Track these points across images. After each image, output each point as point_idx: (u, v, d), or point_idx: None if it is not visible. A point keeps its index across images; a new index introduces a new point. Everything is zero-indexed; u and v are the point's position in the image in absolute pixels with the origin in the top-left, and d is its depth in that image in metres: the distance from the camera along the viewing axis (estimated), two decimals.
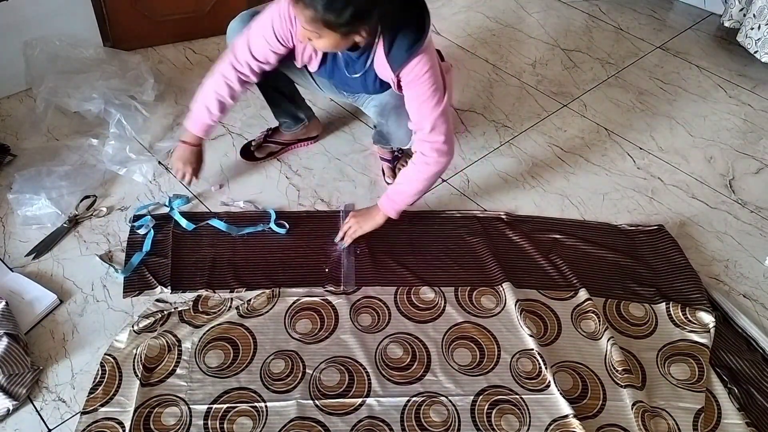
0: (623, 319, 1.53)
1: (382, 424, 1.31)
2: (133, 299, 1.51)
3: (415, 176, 1.53)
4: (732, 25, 2.49)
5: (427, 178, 1.52)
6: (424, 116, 1.44)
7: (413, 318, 1.50)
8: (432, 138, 1.45)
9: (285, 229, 1.68)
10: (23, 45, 1.96)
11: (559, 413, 1.34)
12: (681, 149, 2.07)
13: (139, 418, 1.28)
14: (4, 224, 1.68)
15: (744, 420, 1.34)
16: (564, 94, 2.28)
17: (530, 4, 2.78)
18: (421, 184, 1.53)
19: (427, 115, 1.43)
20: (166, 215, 1.71)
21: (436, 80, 1.42)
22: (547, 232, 1.73)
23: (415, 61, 1.38)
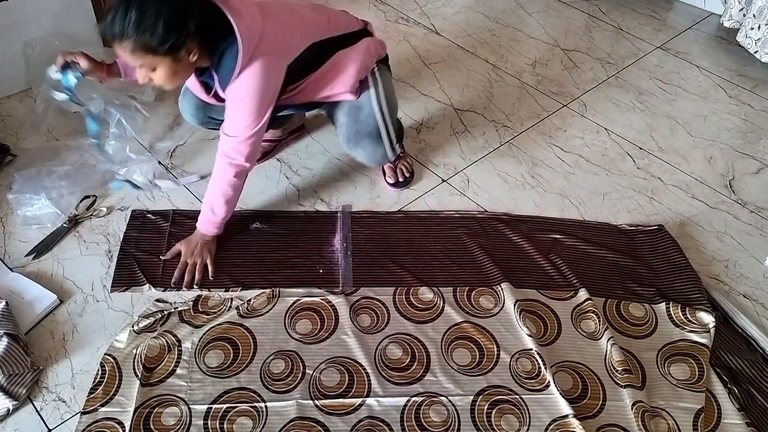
0: (623, 319, 1.53)
1: (382, 424, 1.31)
2: (133, 299, 1.51)
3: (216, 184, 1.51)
4: (732, 25, 2.49)
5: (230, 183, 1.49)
6: (239, 131, 1.42)
7: (412, 318, 1.50)
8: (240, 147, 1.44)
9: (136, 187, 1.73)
10: (23, 45, 1.96)
11: (559, 413, 1.34)
12: (681, 149, 2.07)
13: (139, 418, 1.28)
14: (4, 224, 1.68)
15: (744, 420, 1.34)
16: (564, 94, 2.28)
17: (530, 4, 2.78)
18: (222, 189, 1.50)
19: (242, 132, 1.42)
20: (164, 212, 1.71)
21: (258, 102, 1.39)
22: (547, 232, 1.73)
23: (241, 79, 1.36)
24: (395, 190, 1.83)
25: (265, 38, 1.36)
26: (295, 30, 1.45)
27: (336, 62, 1.54)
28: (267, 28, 1.38)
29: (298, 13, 1.48)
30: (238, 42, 1.31)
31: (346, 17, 1.61)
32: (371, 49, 1.61)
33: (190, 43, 1.29)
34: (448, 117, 2.14)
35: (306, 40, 1.46)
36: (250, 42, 1.34)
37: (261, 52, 1.35)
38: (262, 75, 1.36)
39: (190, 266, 1.54)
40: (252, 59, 1.35)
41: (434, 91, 2.25)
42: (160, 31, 1.23)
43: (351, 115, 1.61)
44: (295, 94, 1.55)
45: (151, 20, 1.22)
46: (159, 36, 1.24)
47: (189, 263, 1.54)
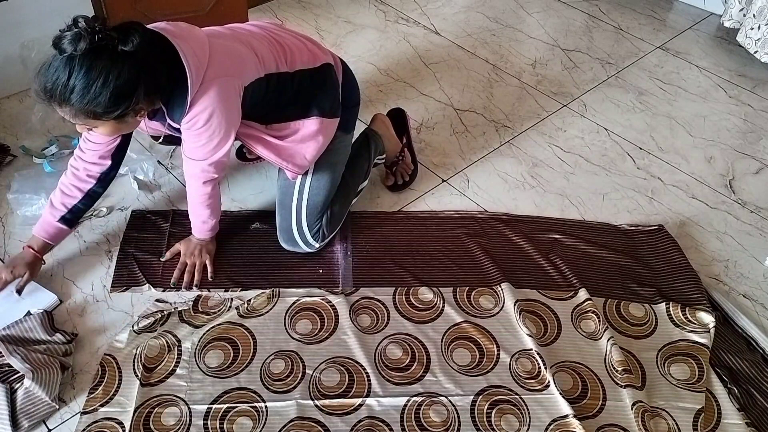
0: (623, 319, 1.53)
1: (382, 424, 1.31)
2: (133, 300, 1.51)
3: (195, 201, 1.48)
4: (732, 25, 2.49)
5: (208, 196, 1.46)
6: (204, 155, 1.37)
7: (412, 318, 1.50)
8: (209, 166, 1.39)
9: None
10: (20, 46, 1.95)
11: (558, 413, 1.34)
12: (681, 149, 2.07)
13: (139, 418, 1.28)
14: (4, 224, 1.68)
15: (744, 420, 1.34)
16: (564, 94, 2.28)
17: (530, 4, 2.78)
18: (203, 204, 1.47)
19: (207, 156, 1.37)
20: (164, 212, 1.71)
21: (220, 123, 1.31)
22: (547, 232, 1.72)
23: (194, 110, 1.28)
24: (394, 194, 1.83)
25: (214, 59, 1.28)
26: (247, 54, 1.35)
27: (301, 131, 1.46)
28: (215, 48, 1.29)
29: (247, 40, 1.38)
30: (186, 70, 1.23)
31: (308, 47, 1.48)
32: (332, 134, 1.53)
33: (138, 105, 1.21)
34: (448, 117, 2.14)
35: (261, 67, 1.37)
36: (199, 67, 1.25)
37: (211, 75, 1.27)
38: (217, 100, 1.28)
39: (189, 266, 1.54)
40: (203, 85, 1.26)
41: (434, 91, 2.25)
42: (105, 103, 1.15)
43: (279, 199, 1.59)
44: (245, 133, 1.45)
45: (95, 92, 1.13)
46: (103, 107, 1.16)
47: (188, 263, 1.54)
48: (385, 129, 1.81)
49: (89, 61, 1.13)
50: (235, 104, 1.33)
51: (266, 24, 1.50)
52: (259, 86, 1.37)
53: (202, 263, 1.54)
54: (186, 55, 1.23)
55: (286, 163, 1.48)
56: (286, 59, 1.43)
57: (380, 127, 1.80)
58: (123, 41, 1.14)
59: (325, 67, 1.50)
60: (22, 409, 1.27)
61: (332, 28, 2.55)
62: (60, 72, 1.13)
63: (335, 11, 2.65)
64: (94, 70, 1.13)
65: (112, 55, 1.14)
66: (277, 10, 2.64)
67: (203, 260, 1.55)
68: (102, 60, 1.13)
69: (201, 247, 1.55)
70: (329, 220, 1.59)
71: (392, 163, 1.83)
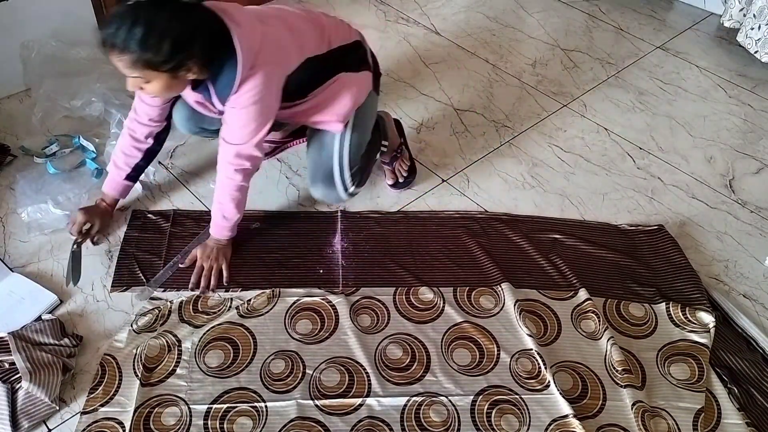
0: (623, 319, 1.53)
1: (382, 424, 1.31)
2: (133, 300, 1.51)
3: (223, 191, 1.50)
4: (732, 25, 2.49)
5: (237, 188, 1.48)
6: (242, 138, 1.40)
7: (412, 318, 1.50)
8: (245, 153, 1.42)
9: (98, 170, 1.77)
10: (20, 46, 1.96)
11: (558, 413, 1.34)
12: (681, 149, 2.07)
13: (139, 418, 1.28)
14: (5, 224, 1.68)
15: (744, 420, 1.34)
16: (564, 94, 2.28)
17: (530, 4, 2.78)
18: (230, 195, 1.49)
19: (245, 139, 1.40)
20: (165, 212, 1.71)
21: (262, 109, 1.37)
22: (547, 232, 1.73)
23: (241, 91, 1.33)
24: (395, 191, 1.83)
25: (264, 48, 1.33)
26: (292, 43, 1.41)
27: (334, 88, 1.51)
28: (266, 38, 1.34)
29: (294, 26, 1.43)
30: (237, 54, 1.28)
31: (341, 28, 1.56)
32: (366, 83, 1.58)
33: (192, 62, 1.26)
34: (448, 117, 2.14)
35: (303, 54, 1.43)
36: (250, 53, 1.30)
37: (261, 62, 1.32)
38: (263, 85, 1.34)
39: (206, 271, 1.54)
40: (252, 70, 1.32)
41: (434, 91, 2.25)
42: (165, 51, 1.20)
43: (315, 151, 1.60)
44: (291, 113, 1.52)
45: (157, 38, 1.18)
46: (163, 55, 1.20)
47: (204, 268, 1.54)
48: (388, 120, 1.83)
49: (153, 9, 1.18)
50: (277, 93, 1.39)
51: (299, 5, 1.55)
52: (298, 72, 1.42)
53: (218, 268, 1.55)
54: (240, 41, 1.28)
55: (328, 118, 1.52)
56: (324, 39, 1.48)
57: (384, 115, 1.83)
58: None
59: (356, 42, 1.58)
60: (22, 409, 1.27)
61: None
62: (125, 18, 1.17)
63: (335, 11, 2.65)
64: (158, 18, 1.18)
65: (174, 5, 1.20)
66: None
67: (219, 264, 1.55)
68: (165, 9, 1.18)
69: (218, 251, 1.55)
70: (362, 172, 1.64)
71: (392, 158, 1.83)
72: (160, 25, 1.18)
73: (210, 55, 1.28)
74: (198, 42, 1.23)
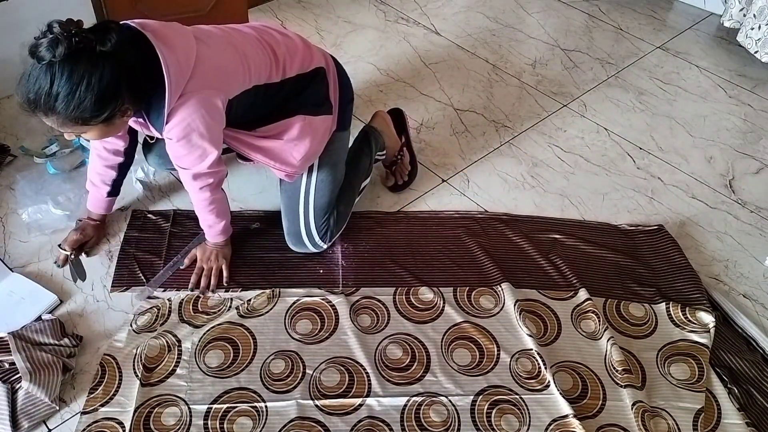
0: (623, 319, 1.53)
1: (382, 424, 1.31)
2: (133, 300, 1.51)
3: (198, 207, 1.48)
4: (732, 25, 2.49)
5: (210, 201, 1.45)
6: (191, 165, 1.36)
7: (412, 318, 1.50)
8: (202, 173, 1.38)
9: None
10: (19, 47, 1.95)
11: (558, 413, 1.34)
12: (681, 149, 2.07)
13: (139, 418, 1.28)
14: (5, 224, 1.68)
15: (744, 420, 1.34)
16: (564, 94, 2.28)
17: (530, 4, 2.78)
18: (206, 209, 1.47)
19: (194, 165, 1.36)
20: (165, 212, 1.71)
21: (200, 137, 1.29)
22: (547, 232, 1.73)
23: (172, 123, 1.25)
24: (394, 194, 1.83)
25: (198, 72, 1.24)
26: (237, 67, 1.32)
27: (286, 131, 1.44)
28: (202, 60, 1.25)
29: (242, 49, 1.34)
30: (165, 82, 1.19)
31: (300, 54, 1.45)
32: (324, 129, 1.50)
33: (125, 106, 1.20)
34: (448, 117, 2.14)
35: (249, 79, 1.34)
36: (179, 80, 1.21)
37: (192, 88, 1.23)
38: (195, 113, 1.25)
39: (206, 271, 1.54)
40: (182, 98, 1.23)
41: (434, 91, 2.25)
42: (91, 108, 1.13)
43: (284, 197, 1.58)
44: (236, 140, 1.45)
45: (80, 98, 1.10)
46: (89, 112, 1.13)
47: (204, 268, 1.54)
48: (385, 126, 1.81)
49: (69, 66, 1.10)
50: (217, 117, 1.30)
51: (264, 27, 1.47)
52: (245, 97, 1.35)
53: (218, 268, 1.54)
54: (168, 64, 1.19)
55: (275, 163, 1.48)
56: (278, 68, 1.41)
57: (380, 124, 1.80)
58: (101, 42, 1.11)
59: (316, 70, 1.48)
60: (22, 409, 1.27)
61: (332, 28, 2.55)
62: (41, 81, 1.11)
63: (335, 11, 2.65)
64: (76, 75, 1.10)
65: (92, 58, 1.11)
66: (277, 10, 2.64)
67: (219, 265, 1.55)
68: (82, 63, 1.10)
69: (217, 252, 1.55)
70: (336, 220, 1.59)
71: (391, 162, 1.83)
72: (81, 84, 1.10)
73: (140, 89, 1.22)
74: (125, 88, 1.16)
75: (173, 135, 1.28)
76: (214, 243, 1.55)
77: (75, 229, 1.60)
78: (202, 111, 1.25)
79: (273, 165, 1.48)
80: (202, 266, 1.54)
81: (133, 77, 1.18)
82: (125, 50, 1.15)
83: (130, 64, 1.17)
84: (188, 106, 1.24)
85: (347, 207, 1.65)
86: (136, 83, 1.19)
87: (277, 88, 1.41)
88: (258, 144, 1.46)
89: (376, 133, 1.76)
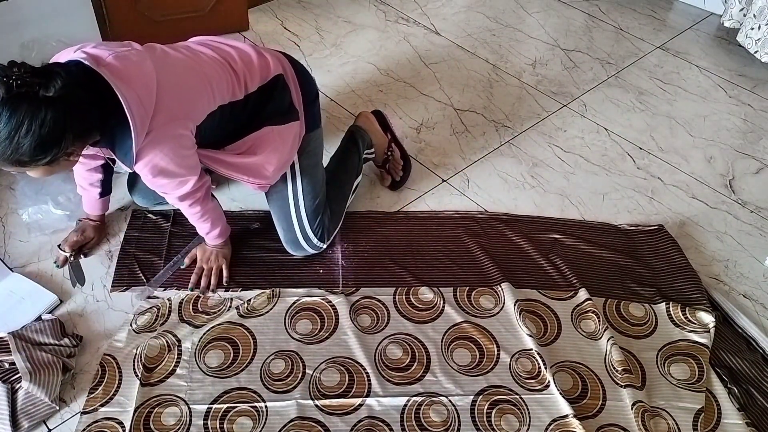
0: (623, 319, 1.53)
1: (382, 424, 1.31)
2: (133, 300, 1.51)
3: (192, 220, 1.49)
4: (732, 25, 2.49)
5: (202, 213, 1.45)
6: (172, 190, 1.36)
7: (412, 318, 1.50)
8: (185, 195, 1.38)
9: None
10: (19, 47, 1.95)
11: (559, 413, 1.34)
12: (681, 149, 2.07)
13: (139, 418, 1.29)
14: (5, 224, 1.68)
15: (744, 420, 1.34)
16: (564, 94, 2.28)
17: (530, 4, 2.78)
18: (200, 220, 1.47)
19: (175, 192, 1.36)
20: (165, 212, 1.71)
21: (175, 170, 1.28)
22: (547, 232, 1.73)
23: (142, 162, 1.23)
24: (394, 193, 1.83)
25: (161, 105, 1.20)
26: (201, 91, 1.29)
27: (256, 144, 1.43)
28: (164, 89, 1.21)
29: (203, 71, 1.31)
30: (129, 122, 1.15)
31: (257, 65, 1.42)
32: (294, 135, 1.48)
33: (69, 149, 1.14)
34: (448, 117, 2.14)
35: (214, 101, 1.32)
36: (144, 116, 1.17)
37: (158, 124, 1.20)
38: (166, 149, 1.23)
39: (206, 271, 1.54)
40: (149, 135, 1.20)
41: (434, 91, 2.25)
42: (32, 152, 1.08)
43: (274, 206, 1.58)
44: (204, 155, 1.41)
45: (20, 141, 1.05)
46: (30, 155, 1.08)
47: (204, 268, 1.54)
48: (370, 124, 1.82)
49: (8, 110, 1.04)
50: (188, 146, 1.29)
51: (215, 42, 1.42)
52: (211, 119, 1.32)
53: (218, 268, 1.55)
54: (130, 104, 1.15)
55: (248, 177, 1.46)
56: (240, 84, 1.38)
57: (364, 123, 1.81)
58: (44, 86, 1.05)
59: (275, 79, 1.44)
60: (22, 409, 1.27)
61: (332, 28, 2.55)
62: None
63: (335, 11, 2.65)
64: (14, 119, 1.04)
65: (33, 102, 1.05)
66: (277, 10, 2.64)
67: (219, 265, 1.55)
68: (22, 108, 1.04)
69: (216, 252, 1.55)
70: (330, 218, 1.60)
71: (384, 161, 1.82)
72: (20, 129, 1.05)
73: (89, 130, 1.17)
74: (70, 132, 1.10)
75: (147, 173, 1.26)
76: (213, 245, 1.56)
77: (75, 230, 1.61)
78: (172, 144, 1.24)
79: (246, 180, 1.46)
80: (202, 266, 1.54)
81: (82, 121, 1.13)
82: (73, 93, 1.09)
83: (80, 107, 1.12)
84: (157, 143, 1.21)
85: (340, 205, 1.65)
86: (86, 126, 1.15)
87: (241, 105, 1.38)
88: (229, 160, 1.44)
89: (361, 131, 1.76)
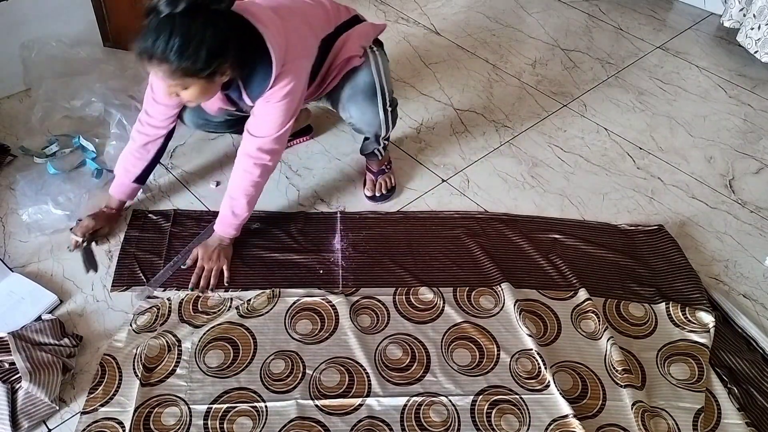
0: (623, 319, 1.53)
1: (382, 424, 1.31)
2: (133, 299, 1.51)
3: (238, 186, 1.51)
4: (732, 25, 2.49)
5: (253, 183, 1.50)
6: (269, 131, 1.45)
7: (412, 319, 1.50)
8: (267, 147, 1.46)
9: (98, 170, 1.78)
10: (20, 47, 1.96)
11: (558, 413, 1.34)
12: (681, 149, 2.07)
13: (139, 418, 1.28)
14: (5, 224, 1.68)
15: (744, 420, 1.34)
16: (564, 94, 2.28)
17: (530, 4, 2.78)
18: (245, 190, 1.50)
19: (272, 131, 1.45)
20: (165, 212, 1.71)
21: (291, 104, 1.43)
22: (546, 232, 1.73)
23: (276, 87, 1.39)
24: (372, 204, 1.79)
25: (290, 45, 1.38)
26: (310, 33, 1.47)
27: (340, 45, 1.55)
28: (290, 34, 1.39)
29: (307, 14, 1.49)
30: (271, 54, 1.33)
31: (338, 6, 1.60)
32: (369, 29, 1.62)
33: (226, 66, 1.31)
34: (448, 117, 2.14)
35: (318, 39, 1.49)
36: (281, 52, 1.35)
37: (291, 58, 1.38)
38: (296, 80, 1.40)
39: (206, 271, 1.54)
40: (284, 67, 1.37)
41: (434, 91, 2.25)
42: (203, 59, 1.23)
43: (349, 81, 1.59)
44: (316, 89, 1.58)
45: (194, 48, 1.22)
46: (201, 63, 1.24)
47: (205, 268, 1.54)
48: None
49: (187, 20, 1.20)
50: (305, 84, 1.46)
51: None
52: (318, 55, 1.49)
53: (219, 268, 1.55)
54: (270, 41, 1.33)
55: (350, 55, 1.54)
56: (332, 18, 1.54)
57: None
58: (216, 1, 1.23)
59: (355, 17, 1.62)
60: (22, 409, 1.27)
61: None
62: (161, 31, 1.20)
63: None
64: (193, 28, 1.21)
65: (207, 14, 1.22)
66: None
67: (220, 265, 1.55)
68: (198, 19, 1.21)
69: (218, 251, 1.56)
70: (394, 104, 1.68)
71: (379, 171, 1.81)
72: (196, 35, 1.21)
73: (242, 57, 1.33)
74: (232, 47, 1.28)
75: (274, 98, 1.40)
76: (220, 237, 1.56)
77: (89, 215, 1.63)
78: (300, 77, 1.42)
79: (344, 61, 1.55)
80: (202, 266, 1.54)
81: (239, 40, 1.29)
82: (234, 16, 1.30)
83: (238, 28, 1.30)
84: (290, 73, 1.39)
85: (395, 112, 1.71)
86: (242, 46, 1.30)
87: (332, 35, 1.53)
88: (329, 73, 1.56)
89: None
